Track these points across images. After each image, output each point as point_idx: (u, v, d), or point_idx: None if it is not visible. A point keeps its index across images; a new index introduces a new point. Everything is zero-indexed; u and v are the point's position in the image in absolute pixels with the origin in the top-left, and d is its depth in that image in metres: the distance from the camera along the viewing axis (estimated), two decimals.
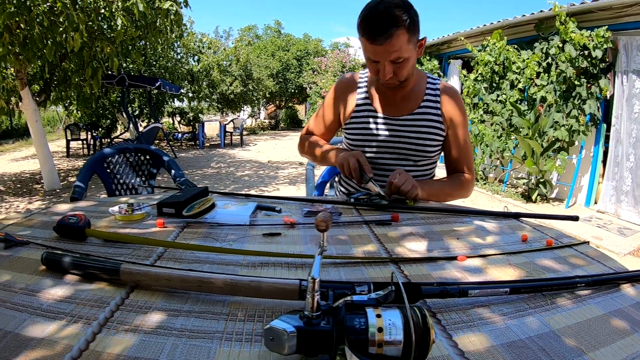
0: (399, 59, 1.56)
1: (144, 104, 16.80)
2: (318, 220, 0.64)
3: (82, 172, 2.33)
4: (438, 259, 1.06)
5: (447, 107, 1.82)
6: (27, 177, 9.10)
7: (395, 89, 1.75)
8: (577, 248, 1.18)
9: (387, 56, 1.54)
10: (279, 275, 0.94)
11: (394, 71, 1.60)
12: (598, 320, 0.77)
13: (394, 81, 1.65)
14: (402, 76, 1.64)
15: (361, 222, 1.37)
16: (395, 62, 1.57)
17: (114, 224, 1.31)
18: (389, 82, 1.66)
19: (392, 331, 0.57)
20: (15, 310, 0.76)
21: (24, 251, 1.05)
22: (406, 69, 1.62)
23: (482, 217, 1.48)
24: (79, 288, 0.85)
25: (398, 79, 1.64)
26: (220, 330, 0.71)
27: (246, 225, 1.30)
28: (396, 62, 1.57)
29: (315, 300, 0.60)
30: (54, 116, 24.30)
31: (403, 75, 1.64)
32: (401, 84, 1.70)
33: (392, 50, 1.52)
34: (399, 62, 1.58)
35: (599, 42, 6.09)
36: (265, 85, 22.44)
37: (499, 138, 7.73)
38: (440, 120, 1.80)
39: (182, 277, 0.81)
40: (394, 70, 1.60)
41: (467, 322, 0.76)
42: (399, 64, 1.58)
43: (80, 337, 0.67)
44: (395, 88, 1.74)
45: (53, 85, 8.22)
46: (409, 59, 1.59)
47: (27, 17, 5.32)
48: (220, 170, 10.22)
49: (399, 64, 1.58)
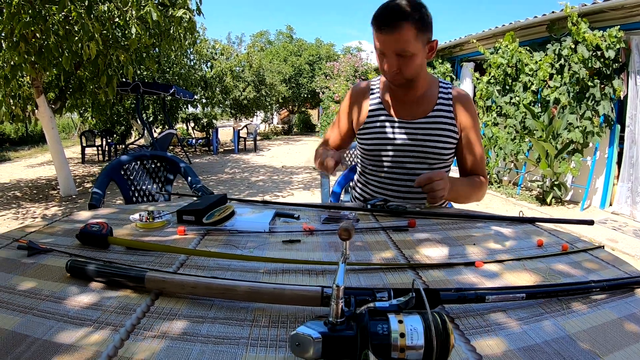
0: (405, 52, 1.57)
1: (158, 110, 16.90)
2: (341, 230, 0.65)
3: (99, 179, 2.36)
4: (456, 264, 1.07)
5: (459, 111, 1.83)
6: (43, 183, 9.21)
7: (403, 87, 1.76)
8: (592, 253, 1.18)
9: (392, 47, 1.57)
10: (300, 281, 0.96)
11: (400, 66, 1.62)
12: (612, 325, 0.78)
13: (399, 77, 1.67)
14: (408, 73, 1.65)
15: (378, 229, 1.39)
16: (401, 56, 1.59)
17: (134, 231, 1.34)
18: (394, 78, 1.68)
19: (414, 336, 0.59)
20: (43, 317, 0.78)
21: (47, 259, 1.07)
22: (412, 67, 1.63)
23: (497, 222, 1.49)
24: (104, 295, 0.87)
25: (403, 75, 1.65)
26: (245, 337, 0.73)
27: (266, 232, 1.32)
28: (402, 55, 1.59)
29: (339, 307, 0.62)
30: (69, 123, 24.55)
31: (408, 72, 1.65)
32: (408, 82, 1.72)
33: (397, 41, 1.55)
34: (405, 57, 1.60)
35: (612, 42, 6.03)
36: (278, 91, 22.47)
37: (513, 141, 7.68)
38: (453, 123, 1.81)
39: (207, 285, 0.83)
40: (400, 66, 1.62)
41: (485, 327, 0.77)
42: (404, 58, 1.60)
43: (109, 343, 0.69)
44: (403, 86, 1.75)
45: (68, 92, 8.32)
46: (415, 56, 1.61)
47: (43, 27, 5.39)
48: (235, 175, 10.25)
49: (404, 58, 1.60)
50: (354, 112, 1.96)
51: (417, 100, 1.83)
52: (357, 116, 1.94)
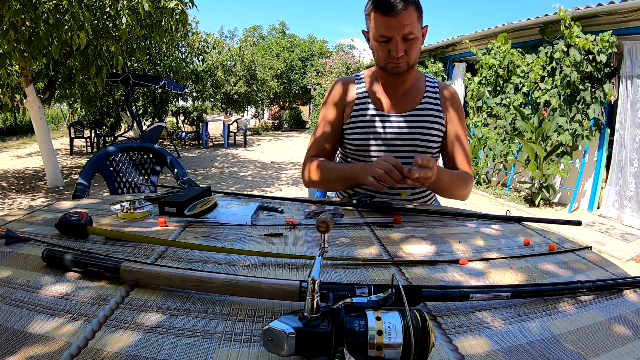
0: (411, 34, 1.57)
1: (148, 102, 16.83)
2: (319, 222, 0.64)
3: (84, 170, 2.33)
4: (439, 262, 1.06)
5: (446, 104, 1.84)
6: (30, 174, 9.14)
7: (399, 76, 1.74)
8: (579, 253, 1.18)
9: (401, 29, 1.55)
10: (280, 276, 0.94)
11: (405, 50, 1.61)
12: (599, 326, 0.77)
13: (404, 61, 1.65)
14: (412, 57, 1.65)
15: (362, 224, 1.37)
16: (407, 39, 1.59)
17: (115, 222, 1.31)
18: (399, 63, 1.65)
19: (392, 334, 0.57)
20: (16, 306, 0.76)
21: (25, 248, 1.05)
22: (415, 50, 1.64)
23: (484, 220, 1.48)
24: (79, 285, 0.85)
25: (408, 59, 1.64)
26: (220, 330, 0.71)
27: (247, 225, 1.30)
28: (408, 38, 1.58)
29: (315, 302, 0.60)
30: (58, 113, 24.38)
31: (412, 56, 1.65)
32: (408, 70, 1.70)
33: (406, 23, 1.54)
34: (410, 40, 1.59)
35: (604, 46, 6.08)
36: (269, 86, 22.45)
37: (503, 142, 7.72)
38: (441, 116, 1.82)
39: (183, 276, 0.81)
40: (405, 49, 1.61)
41: (468, 326, 0.76)
42: (409, 41, 1.60)
43: (80, 334, 0.67)
44: (402, 75, 1.73)
45: (57, 83, 8.25)
46: (418, 39, 1.62)
47: (33, 15, 5.34)
48: (224, 170, 10.23)
49: (409, 41, 1.60)
50: (339, 106, 1.90)
51: (404, 94, 1.83)
52: (343, 110, 1.90)
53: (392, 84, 1.82)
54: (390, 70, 1.70)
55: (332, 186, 1.88)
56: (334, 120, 1.90)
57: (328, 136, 1.90)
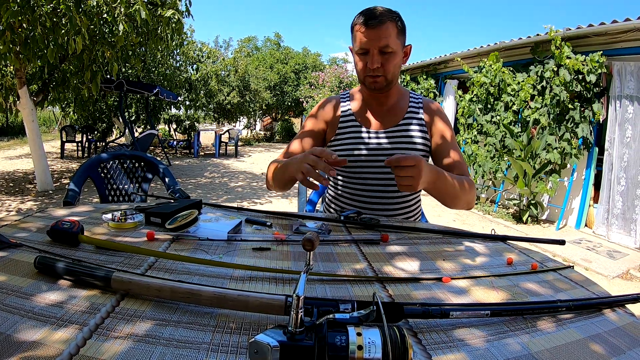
0: (387, 47, 1.63)
1: (141, 109, 16.78)
2: (304, 240, 0.66)
3: (76, 176, 2.33)
4: (423, 279, 1.08)
5: (431, 119, 1.87)
6: (20, 176, 9.07)
7: (379, 92, 1.79)
8: (562, 272, 1.20)
9: (377, 42, 1.62)
10: (267, 289, 0.96)
11: (382, 63, 1.67)
12: (577, 345, 0.79)
13: (382, 79, 1.71)
14: (388, 71, 1.70)
15: (350, 241, 1.39)
16: (384, 52, 1.65)
17: (106, 230, 1.33)
18: (375, 79, 1.71)
19: (372, 349, 0.59)
20: (8, 312, 0.77)
21: (16, 253, 1.06)
22: (392, 64, 1.69)
23: (469, 238, 1.50)
24: (70, 293, 0.86)
25: (385, 73, 1.69)
26: (207, 342, 0.72)
27: (224, 240, 1.31)
28: (384, 51, 1.65)
29: (299, 317, 0.62)
30: (50, 116, 24.25)
31: (389, 70, 1.69)
32: (386, 86, 1.75)
33: (382, 36, 1.61)
34: (387, 53, 1.65)
35: (594, 66, 6.18)
36: (262, 97, 22.43)
37: (492, 159, 7.79)
38: (425, 130, 1.84)
39: (172, 288, 0.83)
40: (382, 62, 1.66)
41: (448, 342, 0.78)
42: (386, 55, 1.66)
43: (72, 342, 0.69)
44: (380, 91, 1.78)
45: (51, 86, 8.23)
46: (395, 54, 1.67)
47: (30, 17, 5.36)
48: (214, 180, 10.18)
49: (386, 55, 1.66)
50: (321, 123, 1.93)
51: (388, 110, 1.87)
52: (325, 127, 1.93)
53: (376, 101, 1.86)
54: (369, 85, 1.75)
55: (280, 183, 1.71)
56: (312, 135, 1.92)
57: (302, 148, 1.89)
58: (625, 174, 6.07)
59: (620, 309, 0.96)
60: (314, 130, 1.93)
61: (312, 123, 1.95)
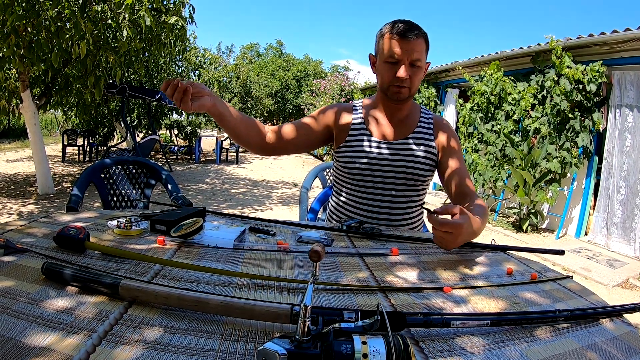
0: (418, 61, 1.69)
1: (143, 115, 16.80)
2: (311, 252, 0.68)
3: (79, 181, 2.34)
4: (424, 289, 1.09)
5: (440, 136, 1.89)
6: (21, 179, 9.09)
7: (401, 102, 1.82)
8: (560, 282, 1.22)
9: (411, 54, 1.67)
10: (271, 298, 0.97)
11: (410, 75, 1.71)
12: (574, 354, 0.80)
13: (407, 86, 1.74)
14: (414, 84, 1.75)
15: (355, 254, 1.38)
16: (414, 65, 1.70)
17: (112, 237, 1.34)
18: (401, 87, 1.74)
19: (376, 357, 0.61)
20: (17, 317, 0.78)
21: (24, 259, 1.07)
22: (418, 78, 1.75)
23: (470, 249, 1.51)
24: (78, 300, 0.87)
25: (411, 85, 1.74)
26: (215, 349, 0.74)
27: (230, 248, 1.32)
28: (414, 64, 1.70)
29: (306, 326, 0.64)
30: (52, 120, 24.28)
31: (415, 83, 1.75)
32: (408, 97, 1.78)
33: (416, 49, 1.67)
34: (416, 67, 1.71)
35: (594, 76, 6.21)
36: (263, 104, 22.46)
37: (492, 168, 7.80)
38: (433, 145, 1.86)
39: (180, 296, 0.84)
40: (410, 75, 1.71)
41: (449, 351, 0.79)
42: (415, 68, 1.71)
43: (81, 348, 0.69)
44: (402, 102, 1.82)
45: (54, 89, 8.25)
46: (421, 69, 1.74)
47: (35, 21, 5.40)
48: (215, 186, 10.16)
49: (415, 68, 1.71)
50: (323, 124, 1.94)
51: (399, 122, 1.89)
52: (337, 131, 1.93)
53: (390, 111, 1.88)
54: (392, 95, 1.77)
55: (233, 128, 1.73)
56: (309, 127, 1.93)
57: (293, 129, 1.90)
58: (625, 182, 6.09)
59: (618, 319, 0.98)
60: (309, 126, 1.93)
61: (317, 118, 1.95)
